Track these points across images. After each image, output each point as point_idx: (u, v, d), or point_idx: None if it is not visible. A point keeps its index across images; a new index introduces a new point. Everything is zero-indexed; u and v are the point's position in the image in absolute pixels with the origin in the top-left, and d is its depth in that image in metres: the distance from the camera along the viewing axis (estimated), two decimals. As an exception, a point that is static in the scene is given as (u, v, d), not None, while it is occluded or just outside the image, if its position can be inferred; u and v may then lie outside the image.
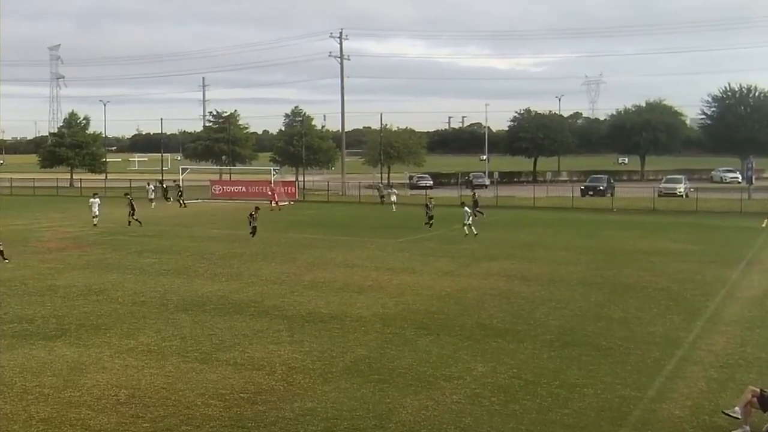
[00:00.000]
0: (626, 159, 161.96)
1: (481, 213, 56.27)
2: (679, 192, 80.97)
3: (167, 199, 75.05)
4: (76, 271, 33.27)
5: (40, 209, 66.77)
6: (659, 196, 72.97)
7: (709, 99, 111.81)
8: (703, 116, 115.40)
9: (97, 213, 50.80)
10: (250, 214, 43.61)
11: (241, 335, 22.16)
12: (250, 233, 42.98)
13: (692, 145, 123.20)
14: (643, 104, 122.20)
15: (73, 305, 25.99)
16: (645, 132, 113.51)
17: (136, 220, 51.82)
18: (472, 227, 44.61)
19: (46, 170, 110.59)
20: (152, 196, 69.89)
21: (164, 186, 78.98)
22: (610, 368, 18.87)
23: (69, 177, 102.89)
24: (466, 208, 46.53)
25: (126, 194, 56.61)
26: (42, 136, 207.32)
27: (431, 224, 50.37)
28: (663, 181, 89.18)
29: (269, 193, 67.76)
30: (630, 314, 24.78)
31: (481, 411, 15.97)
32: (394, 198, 65.84)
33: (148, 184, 72.43)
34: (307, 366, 19.09)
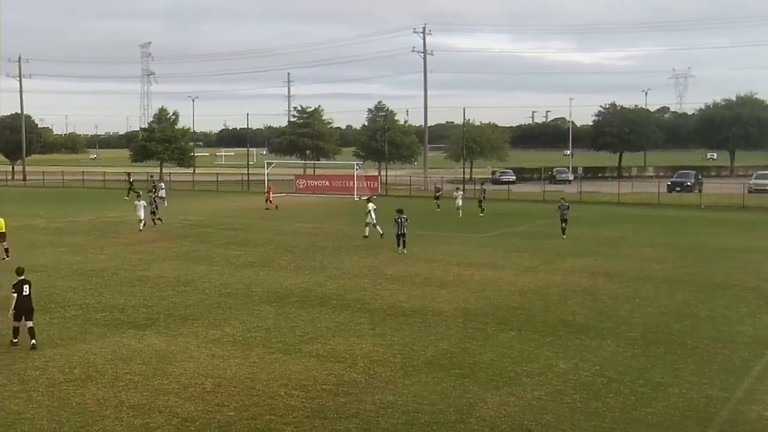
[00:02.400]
0: (715, 154, 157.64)
1: (482, 209, 56.44)
2: (771, 188, 78.32)
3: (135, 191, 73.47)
4: (166, 262, 34.05)
5: (130, 202, 68.52)
6: (749, 192, 70.65)
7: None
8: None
9: (142, 217, 45.22)
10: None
11: (323, 327, 22.38)
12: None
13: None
14: (734, 98, 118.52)
15: (162, 295, 26.61)
16: (735, 127, 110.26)
17: (159, 219, 48.79)
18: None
19: (137, 164, 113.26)
20: (164, 195, 65.44)
21: (131, 180, 77.50)
22: (696, 367, 18.47)
23: (159, 171, 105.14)
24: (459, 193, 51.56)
25: (149, 191, 55.52)
26: (133, 131, 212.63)
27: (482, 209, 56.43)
28: (753, 177, 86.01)
29: (267, 192, 65.30)
30: (717, 313, 24.18)
31: (563, 408, 15.81)
32: (460, 201, 55.81)
33: (160, 182, 69.30)
34: (389, 359, 19.17)
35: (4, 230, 35.13)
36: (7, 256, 34.12)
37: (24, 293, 19.90)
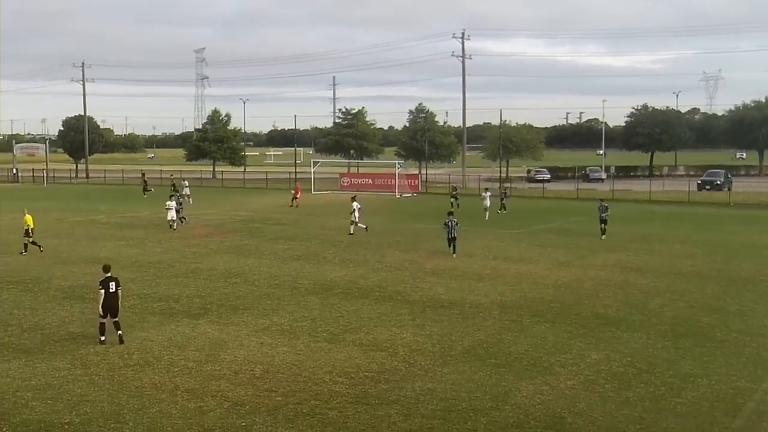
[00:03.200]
0: (744, 154, 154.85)
1: (503, 207, 55.21)
2: (799, 187, 76.82)
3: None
4: (218, 255, 34.39)
5: (153, 200, 69.16)
6: (778, 190, 69.56)
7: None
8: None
9: (174, 218, 43.70)
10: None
11: (366, 318, 22.46)
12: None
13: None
14: (763, 99, 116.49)
15: (214, 287, 26.88)
16: (765, 127, 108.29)
17: (182, 218, 47.08)
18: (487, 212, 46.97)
19: (191, 163, 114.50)
20: (188, 192, 64.05)
21: (146, 179, 77.04)
22: (725, 360, 18.24)
23: (212, 169, 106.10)
24: (487, 193, 49.77)
25: (172, 191, 54.27)
26: (188, 131, 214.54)
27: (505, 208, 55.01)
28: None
29: (296, 188, 64.42)
30: (746, 307, 23.83)
31: (595, 397, 15.73)
32: (488, 202, 50.53)
33: (183, 181, 66.88)
34: (428, 348, 19.19)
35: (31, 226, 35.15)
36: (25, 251, 34.55)
37: (110, 290, 19.46)
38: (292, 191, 61.62)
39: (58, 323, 21.94)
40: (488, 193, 51.58)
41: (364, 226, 40.98)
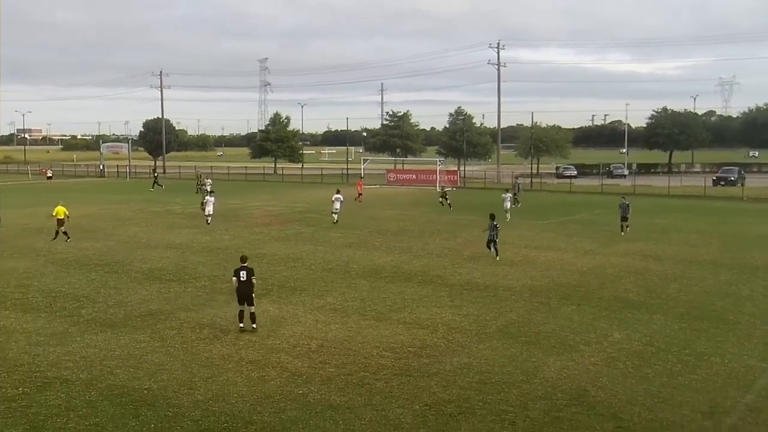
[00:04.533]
0: (757, 153, 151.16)
1: (517, 201, 51.53)
2: (810, 183, 74.95)
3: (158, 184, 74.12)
4: (278, 242, 34.68)
5: (250, 192, 69.96)
6: (789, 186, 67.99)
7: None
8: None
9: (211, 211, 41.11)
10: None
11: (409, 299, 22.48)
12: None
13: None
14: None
15: (275, 270, 27.13)
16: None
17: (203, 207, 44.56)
18: (508, 212, 42.56)
19: (255, 160, 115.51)
20: (209, 188, 57.70)
21: (155, 174, 76.67)
22: (737, 340, 17.95)
23: (273, 166, 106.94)
24: (507, 194, 44.57)
25: (197, 185, 51.94)
26: (252, 132, 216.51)
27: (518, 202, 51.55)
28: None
29: (359, 184, 63.35)
30: (757, 292, 23.39)
31: (617, 373, 15.59)
32: (508, 204, 43.85)
33: (203, 179, 61.40)
34: (465, 327, 19.17)
35: (62, 217, 34.94)
36: (55, 237, 34.53)
37: (242, 279, 18.49)
38: (357, 188, 60.66)
39: (139, 301, 22.36)
40: (509, 194, 44.88)
41: (335, 219, 41.10)
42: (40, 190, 70.37)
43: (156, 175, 79.71)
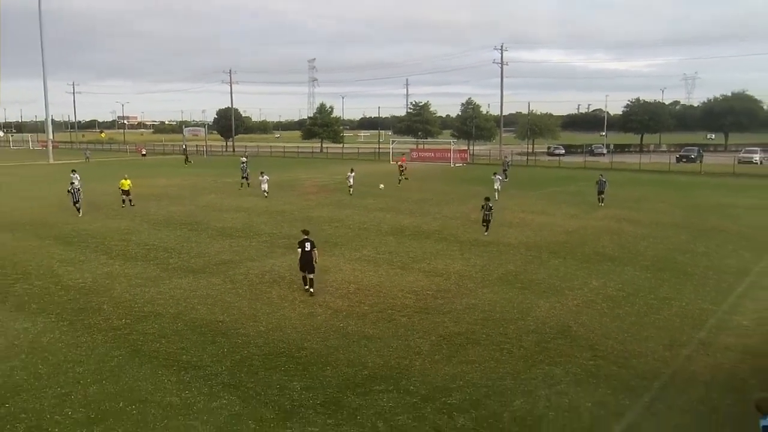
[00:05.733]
0: (713, 135, 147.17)
1: (506, 177, 49.53)
2: (755, 160, 72.91)
3: (188, 160, 73.97)
4: (323, 207, 34.81)
5: (301, 167, 70.13)
6: (738, 163, 66.14)
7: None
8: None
9: (266, 188, 38.76)
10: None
11: (428, 252, 22.53)
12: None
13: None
14: (729, 94, 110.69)
15: (321, 229, 27.29)
16: (729, 115, 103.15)
17: (246, 183, 44.78)
18: (498, 191, 37.90)
19: (305, 141, 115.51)
20: (245, 167, 52.33)
21: (185, 148, 75.20)
22: (694, 288, 17.78)
23: (320, 145, 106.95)
24: (497, 176, 39.02)
25: (243, 163, 49.36)
26: (303, 119, 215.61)
27: (506, 176, 49.46)
28: (742, 152, 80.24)
29: (401, 158, 61.75)
30: (711, 250, 23.07)
31: (594, 313, 15.58)
32: (497, 185, 38.20)
33: (243, 161, 54.46)
34: (472, 275, 19.20)
35: (127, 188, 34.54)
36: (128, 204, 34.20)
37: (305, 249, 17.10)
38: (399, 163, 58.53)
39: (214, 252, 22.68)
40: (498, 176, 39.13)
41: (351, 194, 39.94)
42: (137, 165, 71.20)
43: (186, 152, 79.70)
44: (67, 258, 21.77)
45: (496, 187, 38.12)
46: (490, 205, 26.13)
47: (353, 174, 41.34)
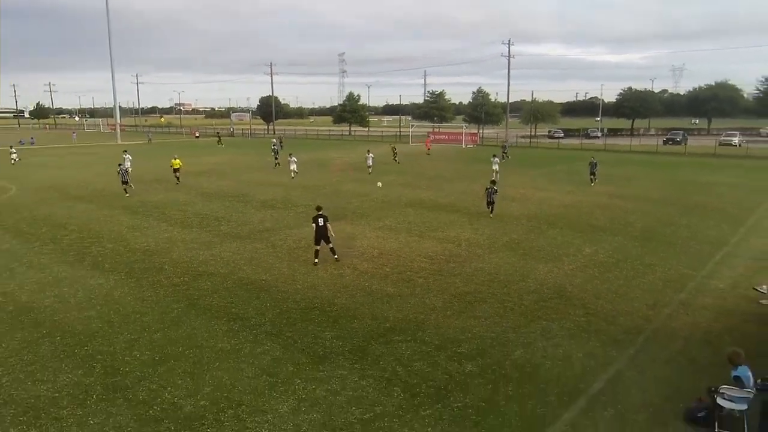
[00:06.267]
0: (697, 120, 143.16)
1: (507, 156, 50.04)
2: (734, 143, 70.81)
3: (218, 140, 73.58)
4: (351, 182, 34.79)
5: (332, 148, 69.98)
6: (720, 145, 64.41)
7: (763, 79, 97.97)
8: (758, 91, 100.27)
9: (295, 169, 36.99)
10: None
11: (442, 222, 22.47)
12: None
13: (748, 112, 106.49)
14: (713, 83, 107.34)
15: (349, 201, 27.37)
16: (713, 102, 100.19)
17: (278, 163, 44.05)
18: (498, 172, 35.59)
19: (336, 125, 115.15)
20: (275, 148, 49.72)
21: (219, 134, 74.23)
22: (676, 256, 17.54)
23: (348, 129, 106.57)
24: (495, 158, 37.05)
25: (274, 145, 49.03)
26: (333, 105, 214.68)
27: (507, 156, 49.94)
28: (723, 135, 78.10)
29: (427, 140, 62.79)
30: (693, 222, 22.66)
31: (587, 276, 15.47)
32: (496, 167, 36.29)
33: (275, 144, 52.96)
34: (480, 242, 19.14)
35: (177, 167, 34.46)
36: (180, 180, 33.96)
37: (319, 224, 16.36)
38: (426, 145, 59.27)
39: (258, 221, 22.87)
40: (496, 158, 37.19)
41: (369, 170, 38.86)
42: (191, 146, 71.74)
43: (219, 135, 79.91)
44: (133, 225, 22.16)
45: (494, 168, 36.24)
46: (495, 188, 24.00)
47: (372, 155, 40.65)
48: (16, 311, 13.12)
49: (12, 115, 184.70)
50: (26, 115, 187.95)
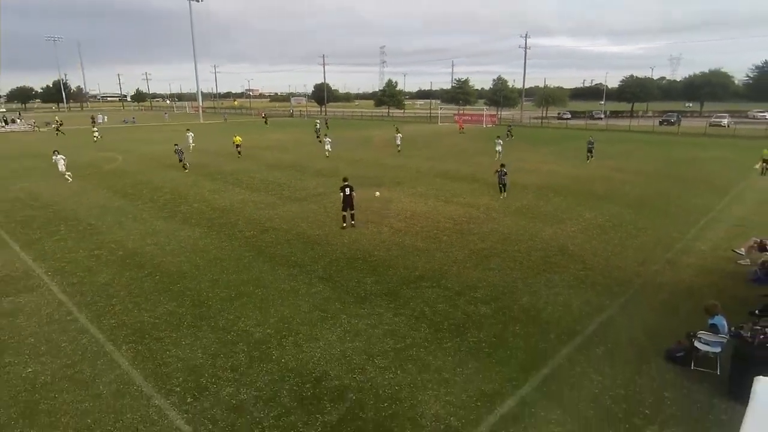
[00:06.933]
0: (691, 104, 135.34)
1: (511, 135, 47.74)
2: (723, 123, 66.85)
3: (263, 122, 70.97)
4: (389, 157, 34.45)
5: (374, 127, 69.39)
6: (710, 126, 60.97)
7: (752, 67, 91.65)
8: (748, 78, 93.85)
9: (329, 149, 34.09)
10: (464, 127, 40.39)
11: (464, 191, 22.21)
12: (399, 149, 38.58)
13: (739, 96, 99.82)
14: (707, 71, 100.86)
15: (387, 172, 27.25)
16: (707, 87, 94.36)
17: (320, 140, 41.72)
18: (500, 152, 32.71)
19: (377, 108, 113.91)
20: (318, 127, 49.07)
21: (265, 116, 72.31)
22: (666, 221, 16.94)
23: (387, 111, 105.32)
24: (499, 140, 33.59)
25: (317, 125, 47.91)
26: (375, 91, 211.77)
27: (512, 135, 47.68)
28: (713, 117, 73.71)
29: (458, 120, 61.80)
30: (682, 193, 21.74)
31: (586, 237, 15.14)
32: (499, 148, 33.02)
33: (317, 124, 51.53)
34: (496, 207, 18.88)
35: (238, 143, 34.22)
36: (242, 154, 33.58)
37: (345, 193, 15.61)
38: (458, 125, 58.28)
39: (312, 187, 23.05)
40: (500, 141, 33.75)
41: (398, 148, 36.56)
42: (258, 125, 72.32)
43: (266, 116, 79.91)
44: (213, 189, 22.72)
45: (498, 149, 32.99)
46: (505, 170, 20.74)
47: (400, 135, 39.12)
48: (125, 255, 13.79)
49: (117, 99, 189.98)
50: (128, 99, 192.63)
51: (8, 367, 8.59)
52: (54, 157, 25.82)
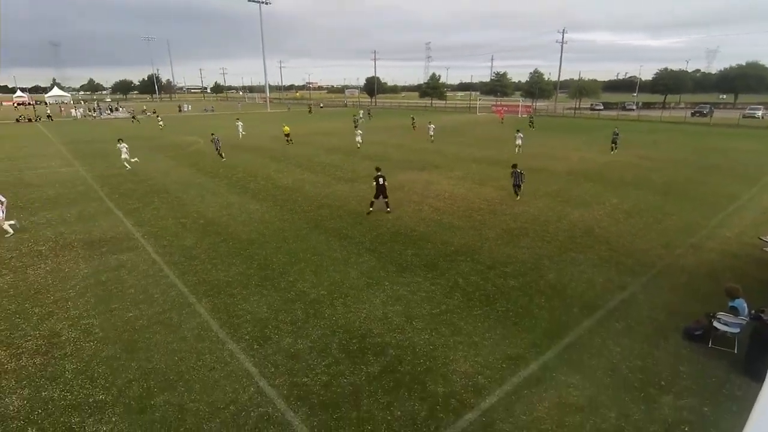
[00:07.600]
0: (724, 96, 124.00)
1: (533, 126, 44.46)
2: (757, 115, 61.00)
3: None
4: (427, 143, 33.98)
5: (417, 116, 68.41)
6: (743, 117, 55.90)
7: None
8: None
9: (360, 140, 30.94)
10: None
11: (498, 174, 21.60)
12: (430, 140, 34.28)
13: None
14: (743, 63, 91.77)
15: (427, 156, 26.86)
16: (741, 79, 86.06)
17: (357, 129, 39.52)
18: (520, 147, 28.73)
19: (421, 99, 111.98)
20: (360, 118, 46.87)
21: (310, 105, 70.85)
22: (692, 208, 15.86)
23: (430, 102, 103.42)
24: (519, 134, 29.35)
25: (354, 118, 46.30)
26: (420, 84, 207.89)
27: (533, 126, 44.13)
28: (747, 109, 67.13)
29: (498, 111, 59.59)
30: (710, 180, 20.22)
31: (613, 220, 14.46)
32: (519, 141, 28.70)
33: (360, 113, 48.33)
34: (527, 191, 18.29)
35: (287, 132, 33.35)
36: (288, 143, 32.03)
37: (379, 183, 14.84)
38: (499, 115, 56.55)
39: (362, 169, 22.78)
40: (519, 134, 29.37)
41: (431, 138, 34.53)
42: (316, 114, 72.95)
43: (311, 106, 79.55)
44: (277, 169, 23.27)
45: (517, 143, 28.65)
46: (518, 171, 16.90)
47: (432, 126, 36.81)
48: (205, 224, 14.49)
49: (199, 90, 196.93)
50: (208, 90, 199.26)
51: (114, 312, 9.34)
52: (118, 145, 24.39)
